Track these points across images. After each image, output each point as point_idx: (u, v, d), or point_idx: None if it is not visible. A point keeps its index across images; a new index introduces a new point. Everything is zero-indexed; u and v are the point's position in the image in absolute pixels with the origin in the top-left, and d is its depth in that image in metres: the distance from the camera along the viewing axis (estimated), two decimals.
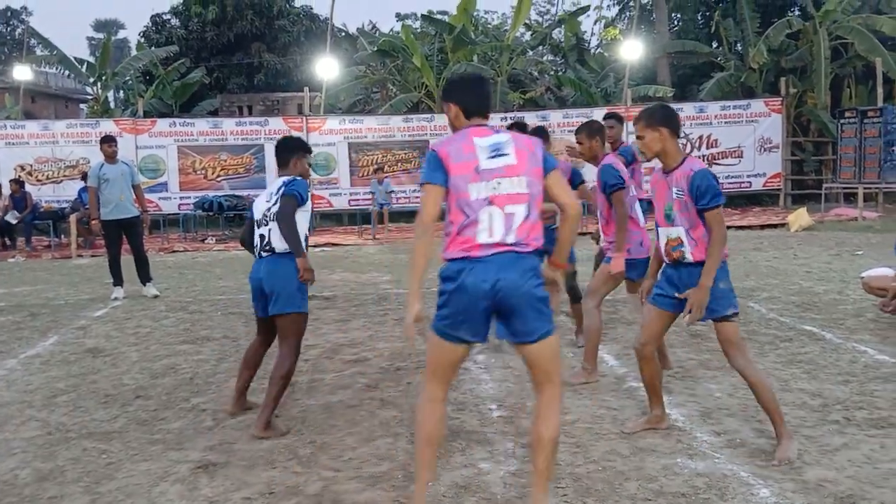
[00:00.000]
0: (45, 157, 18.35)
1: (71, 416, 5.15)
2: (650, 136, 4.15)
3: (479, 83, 3.56)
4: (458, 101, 3.44)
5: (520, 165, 3.27)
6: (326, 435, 4.63)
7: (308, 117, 19.28)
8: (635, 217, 5.60)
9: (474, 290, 3.17)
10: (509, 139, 3.32)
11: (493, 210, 3.21)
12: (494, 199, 3.22)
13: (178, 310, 8.92)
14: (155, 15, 29.12)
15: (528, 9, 23.48)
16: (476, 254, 3.19)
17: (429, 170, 3.27)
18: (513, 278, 3.18)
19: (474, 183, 3.22)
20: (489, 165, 3.24)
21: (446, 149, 3.27)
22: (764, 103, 19.53)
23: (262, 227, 4.77)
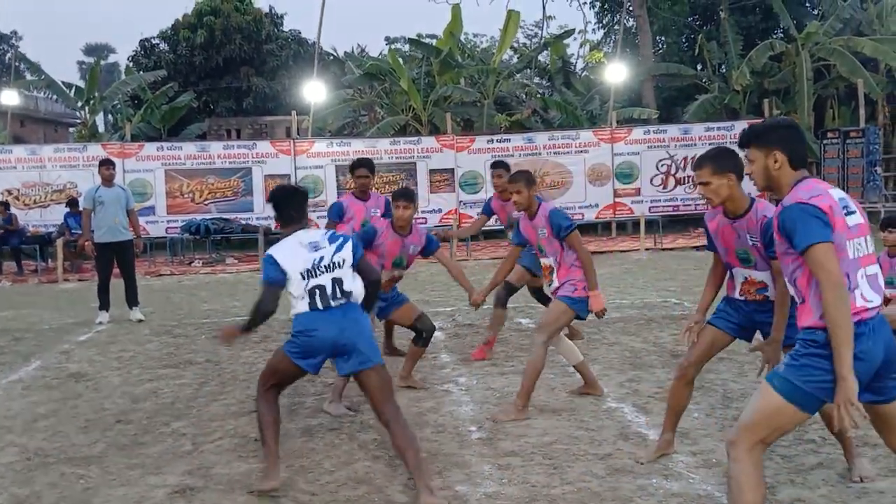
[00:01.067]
0: (33, 182, 18.35)
1: (50, 441, 5.14)
2: (717, 182, 3.96)
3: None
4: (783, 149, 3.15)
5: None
6: (304, 458, 4.64)
7: (296, 140, 19.36)
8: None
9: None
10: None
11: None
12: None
13: (163, 334, 8.91)
14: (144, 39, 29.27)
15: (514, 32, 23.72)
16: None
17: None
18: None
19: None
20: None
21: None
22: (748, 124, 19.65)
23: (321, 277, 4.20)
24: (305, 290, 4.18)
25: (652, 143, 19.31)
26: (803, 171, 3.14)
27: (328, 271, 4.21)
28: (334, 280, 4.20)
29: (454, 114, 21.19)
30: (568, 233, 5.30)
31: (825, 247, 2.89)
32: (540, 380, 6.16)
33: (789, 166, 3.12)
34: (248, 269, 16.10)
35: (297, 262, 4.22)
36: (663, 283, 11.73)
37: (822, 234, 2.90)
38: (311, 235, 4.39)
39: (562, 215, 5.37)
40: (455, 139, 19.34)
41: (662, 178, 19.30)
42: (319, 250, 4.26)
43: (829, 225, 2.92)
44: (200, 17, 27.84)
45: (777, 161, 3.11)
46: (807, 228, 2.91)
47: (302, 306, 4.20)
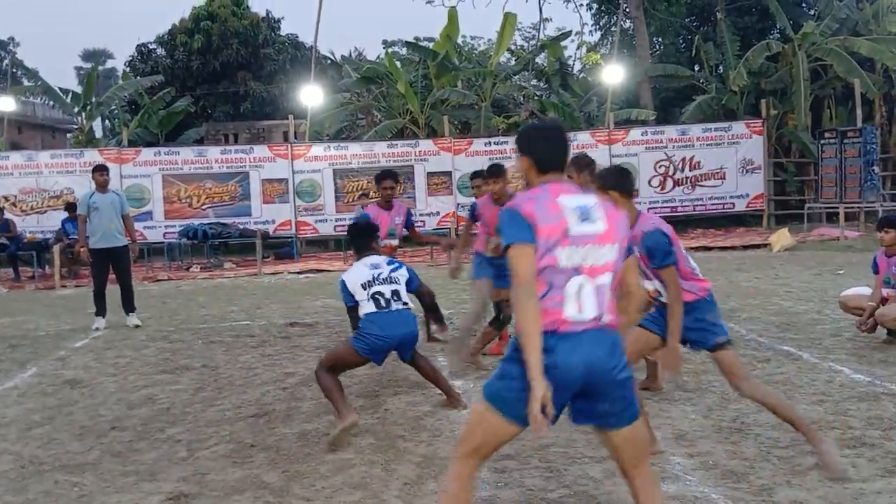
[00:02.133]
0: (30, 188, 18.33)
1: (45, 448, 5.12)
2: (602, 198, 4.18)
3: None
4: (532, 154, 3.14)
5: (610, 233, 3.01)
6: (300, 464, 4.61)
7: (293, 144, 19.34)
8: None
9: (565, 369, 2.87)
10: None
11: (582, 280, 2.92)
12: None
13: (159, 339, 8.89)
14: (140, 45, 29.23)
15: (511, 35, 23.70)
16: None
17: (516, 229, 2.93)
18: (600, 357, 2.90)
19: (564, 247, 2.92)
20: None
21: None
22: (745, 125, 19.71)
23: (376, 287, 5.39)
24: (368, 296, 5.35)
25: (650, 145, 19.30)
26: (551, 176, 3.09)
27: (387, 283, 5.40)
28: (392, 291, 5.39)
29: (451, 117, 21.18)
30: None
31: (516, 248, 2.87)
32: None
33: (536, 170, 3.11)
34: (245, 273, 16.09)
35: (360, 277, 5.43)
36: None
37: (518, 235, 2.88)
38: (373, 259, 5.60)
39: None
40: (452, 142, 19.33)
41: (660, 180, 19.29)
42: (378, 268, 5.49)
43: (531, 227, 2.88)
44: (197, 22, 27.82)
45: (524, 165, 3.14)
46: (507, 230, 2.92)
47: (369, 307, 5.33)
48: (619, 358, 2.96)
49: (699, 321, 4.36)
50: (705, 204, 19.53)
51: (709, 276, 11.90)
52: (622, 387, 2.96)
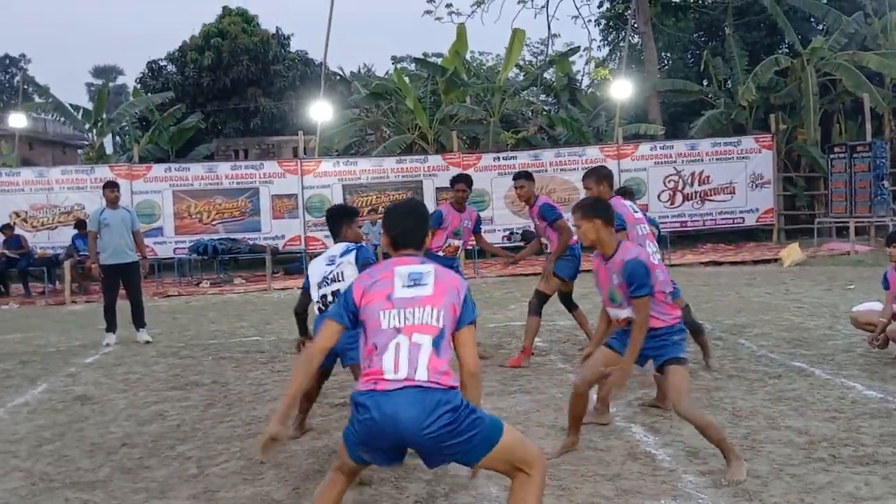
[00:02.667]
0: (41, 204, 18.44)
1: (55, 465, 5.12)
2: (585, 226, 4.55)
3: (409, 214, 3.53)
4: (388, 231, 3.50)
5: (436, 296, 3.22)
6: (311, 481, 4.60)
7: (303, 160, 19.41)
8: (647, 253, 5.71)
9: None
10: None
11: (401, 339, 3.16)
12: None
13: (170, 355, 8.90)
14: (151, 61, 29.49)
15: (519, 50, 23.79)
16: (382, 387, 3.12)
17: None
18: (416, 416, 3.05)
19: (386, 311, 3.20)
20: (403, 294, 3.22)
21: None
22: (754, 140, 19.68)
23: (323, 288, 5.09)
24: (318, 297, 5.06)
25: (659, 159, 19.29)
26: (399, 253, 3.41)
27: (334, 282, 5.00)
28: (334, 292, 4.96)
29: (460, 132, 21.23)
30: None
31: (325, 320, 3.35)
32: (548, 399, 6.15)
33: (391, 247, 3.45)
34: (255, 289, 16.12)
35: (316, 273, 5.16)
36: None
37: (333, 311, 3.34)
38: (336, 249, 5.23)
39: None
40: (461, 157, 19.37)
41: (670, 194, 19.26)
42: (332, 263, 5.11)
43: (350, 306, 3.27)
44: (208, 38, 28.05)
45: (384, 243, 3.51)
46: (334, 306, 3.42)
47: (317, 310, 5.08)
48: (433, 416, 3.04)
49: (664, 341, 4.62)
50: (715, 219, 19.49)
51: (719, 291, 11.96)
52: (440, 441, 3.07)
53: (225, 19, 28.82)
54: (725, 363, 7.17)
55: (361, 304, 3.22)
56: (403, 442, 3.10)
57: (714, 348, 7.81)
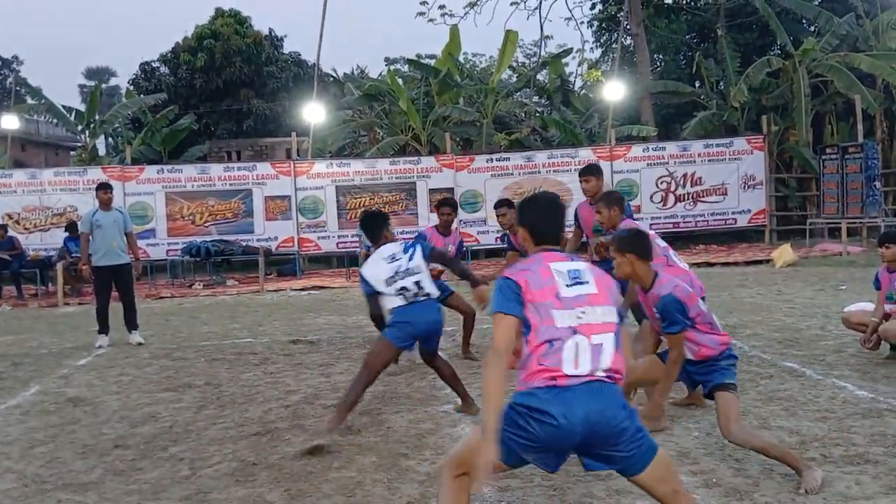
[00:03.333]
0: (33, 206, 18.39)
1: (48, 467, 5.11)
2: (619, 259, 4.59)
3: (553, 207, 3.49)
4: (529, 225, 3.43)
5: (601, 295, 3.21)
6: (303, 482, 4.61)
7: (296, 162, 19.40)
8: (674, 263, 5.88)
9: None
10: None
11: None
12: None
13: (162, 357, 8.89)
14: (144, 63, 29.43)
15: (512, 52, 23.82)
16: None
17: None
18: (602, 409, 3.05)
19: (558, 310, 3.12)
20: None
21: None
22: (746, 141, 19.75)
23: (400, 282, 5.52)
24: (395, 291, 5.51)
25: (651, 161, 19.34)
26: (543, 247, 3.35)
27: (409, 275, 5.50)
28: (415, 282, 5.50)
29: (453, 133, 21.25)
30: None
31: (499, 316, 3.12)
32: None
33: (532, 241, 3.39)
34: (248, 290, 16.10)
35: (380, 273, 5.56)
36: None
37: (503, 305, 3.12)
38: (389, 250, 5.69)
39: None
40: (454, 158, 19.39)
41: (662, 195, 19.31)
42: (397, 260, 5.57)
43: (519, 297, 3.12)
44: (200, 40, 28.01)
45: (522, 236, 3.44)
46: (495, 299, 3.16)
47: (397, 302, 5.50)
48: (618, 408, 3.08)
49: (712, 367, 4.61)
50: (707, 220, 19.54)
51: (711, 292, 11.88)
52: (624, 433, 3.08)
53: (218, 20, 28.79)
54: None
55: (527, 300, 3.12)
56: (589, 437, 3.03)
57: None
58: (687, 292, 4.61)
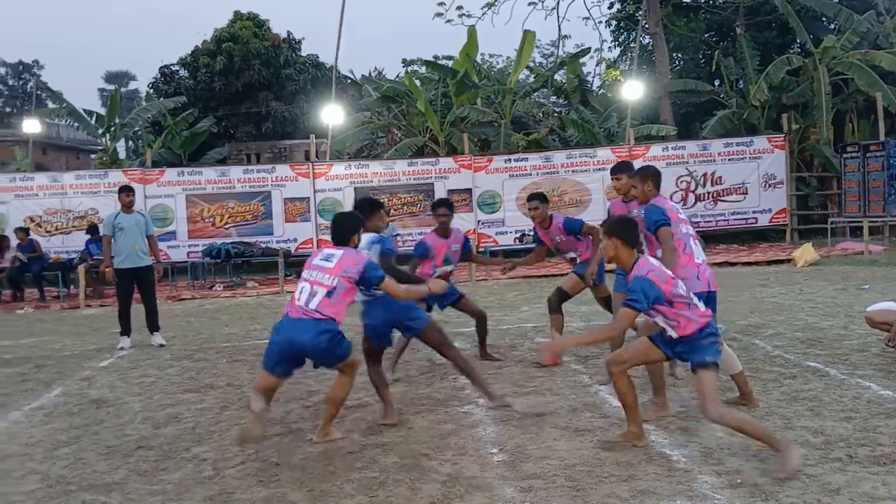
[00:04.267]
0: (54, 209, 18.55)
1: (71, 468, 5.15)
2: (605, 241, 4.97)
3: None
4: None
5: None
6: (325, 482, 4.61)
7: (314, 163, 19.46)
8: (689, 252, 5.83)
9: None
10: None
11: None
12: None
13: (184, 358, 8.94)
14: (163, 66, 29.58)
15: (529, 52, 23.77)
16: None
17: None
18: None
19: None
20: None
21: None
22: (767, 140, 19.60)
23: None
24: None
25: (671, 160, 19.23)
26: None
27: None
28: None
29: (471, 134, 21.24)
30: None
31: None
32: (563, 400, 6.14)
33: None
34: (268, 292, 16.16)
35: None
36: None
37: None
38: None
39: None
40: (472, 159, 19.37)
41: (682, 195, 19.20)
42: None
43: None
44: (219, 43, 28.13)
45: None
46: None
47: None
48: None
49: (693, 344, 4.74)
50: (728, 219, 19.42)
51: (732, 292, 11.83)
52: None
53: (236, 24, 28.89)
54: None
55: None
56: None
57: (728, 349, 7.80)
58: (663, 277, 4.77)
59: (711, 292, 5.81)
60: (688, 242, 5.86)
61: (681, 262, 5.73)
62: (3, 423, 6.40)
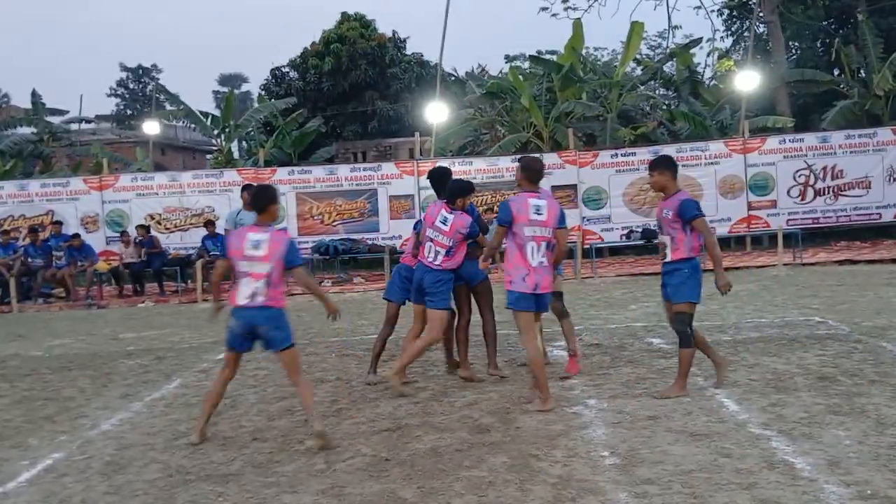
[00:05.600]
0: (173, 207, 19.31)
1: (190, 458, 5.32)
2: (657, 177, 6.27)
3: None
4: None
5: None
6: (434, 480, 4.60)
7: (419, 161, 19.60)
8: (525, 255, 6.04)
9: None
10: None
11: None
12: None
13: None
14: (274, 68, 30.47)
15: (638, 44, 23.25)
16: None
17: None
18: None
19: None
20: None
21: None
22: (892, 131, 18.52)
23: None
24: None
25: (788, 153, 18.44)
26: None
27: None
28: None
29: (576, 129, 20.94)
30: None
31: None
32: (677, 403, 5.94)
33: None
34: (374, 288, 16.36)
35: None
36: (805, 300, 11.10)
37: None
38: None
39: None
40: (578, 155, 19.09)
41: (800, 190, 18.38)
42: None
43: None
44: (328, 44, 28.74)
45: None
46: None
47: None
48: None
49: (679, 274, 6.14)
50: (849, 215, 18.47)
51: (856, 291, 11.26)
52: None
53: (343, 25, 29.47)
54: (865, 367, 6.76)
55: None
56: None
57: (853, 351, 7.41)
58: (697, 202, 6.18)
59: (538, 295, 6.05)
60: (526, 245, 6.00)
61: (515, 261, 6.03)
62: (127, 413, 6.68)
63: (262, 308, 5.43)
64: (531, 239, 6.03)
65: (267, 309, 5.43)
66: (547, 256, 6.08)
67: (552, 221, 6.08)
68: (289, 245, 5.54)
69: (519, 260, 6.03)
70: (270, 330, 5.47)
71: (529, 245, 6.02)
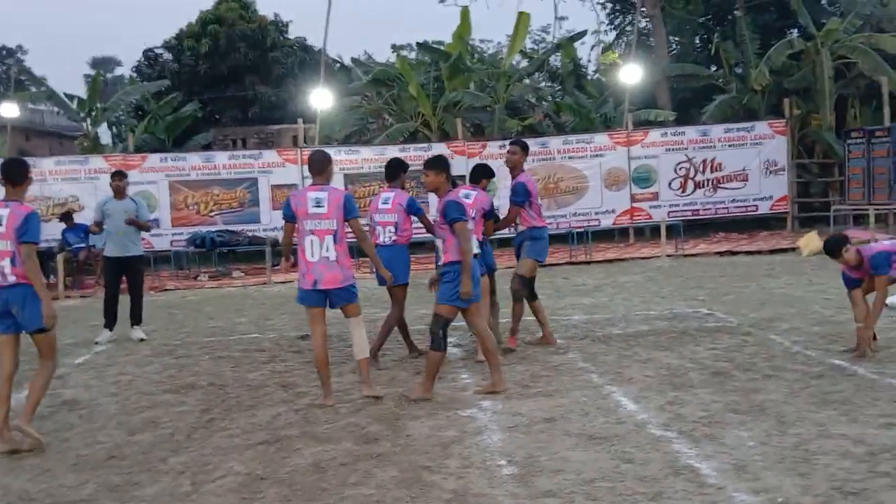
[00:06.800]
0: (33, 196, 17.85)
1: (35, 481, 4.65)
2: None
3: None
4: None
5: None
6: (317, 501, 4.13)
7: (303, 149, 18.87)
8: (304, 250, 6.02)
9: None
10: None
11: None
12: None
13: (164, 354, 8.41)
14: (147, 49, 28.93)
15: (524, 35, 23.22)
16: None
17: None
18: None
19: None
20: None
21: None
22: (768, 125, 19.14)
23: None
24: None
25: (670, 146, 18.75)
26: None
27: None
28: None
29: (464, 119, 20.69)
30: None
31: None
32: (573, 403, 5.66)
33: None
34: (255, 282, 15.62)
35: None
36: (690, 290, 11.16)
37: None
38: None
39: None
40: (466, 145, 18.84)
41: (681, 182, 18.73)
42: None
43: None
44: (204, 25, 27.48)
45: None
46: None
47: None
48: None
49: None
50: (727, 207, 18.96)
51: (738, 283, 11.37)
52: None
53: (222, 5, 28.21)
54: (758, 361, 6.70)
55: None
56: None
57: (743, 344, 7.37)
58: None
59: (317, 291, 5.97)
60: (304, 239, 5.95)
61: (298, 256, 6.03)
62: None
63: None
64: (310, 233, 5.93)
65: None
66: (337, 250, 5.93)
67: (334, 213, 5.88)
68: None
69: (300, 255, 5.99)
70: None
71: (308, 239, 5.93)
